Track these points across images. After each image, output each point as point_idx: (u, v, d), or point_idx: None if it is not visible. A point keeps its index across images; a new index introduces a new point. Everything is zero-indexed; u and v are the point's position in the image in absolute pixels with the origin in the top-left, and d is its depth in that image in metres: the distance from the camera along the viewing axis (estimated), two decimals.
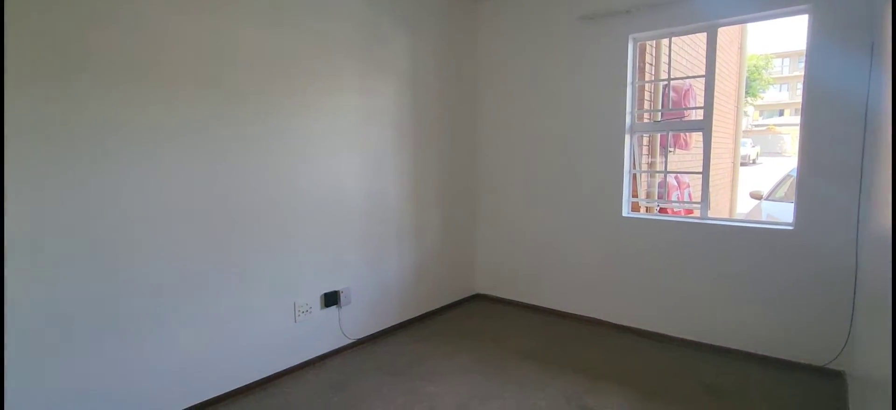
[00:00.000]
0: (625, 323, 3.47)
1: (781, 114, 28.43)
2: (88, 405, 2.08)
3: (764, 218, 4.88)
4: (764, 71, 22.79)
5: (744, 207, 8.13)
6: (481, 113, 4.07)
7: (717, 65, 6.80)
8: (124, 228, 2.13)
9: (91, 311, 2.06)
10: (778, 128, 24.97)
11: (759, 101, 25.27)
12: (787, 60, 28.16)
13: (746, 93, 20.80)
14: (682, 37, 4.46)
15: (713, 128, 3.25)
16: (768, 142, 22.77)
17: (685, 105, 4.69)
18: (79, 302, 2.02)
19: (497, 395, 2.59)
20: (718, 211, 7.17)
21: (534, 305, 3.95)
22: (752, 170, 16.71)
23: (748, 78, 20.55)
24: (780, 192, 5.33)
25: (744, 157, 18.55)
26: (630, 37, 3.26)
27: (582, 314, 3.68)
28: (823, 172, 2.67)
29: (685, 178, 5.11)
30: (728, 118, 7.84)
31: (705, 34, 3.12)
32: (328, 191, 2.99)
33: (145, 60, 2.14)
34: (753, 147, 20.52)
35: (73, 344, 2.02)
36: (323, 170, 2.94)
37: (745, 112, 24.37)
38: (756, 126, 25.99)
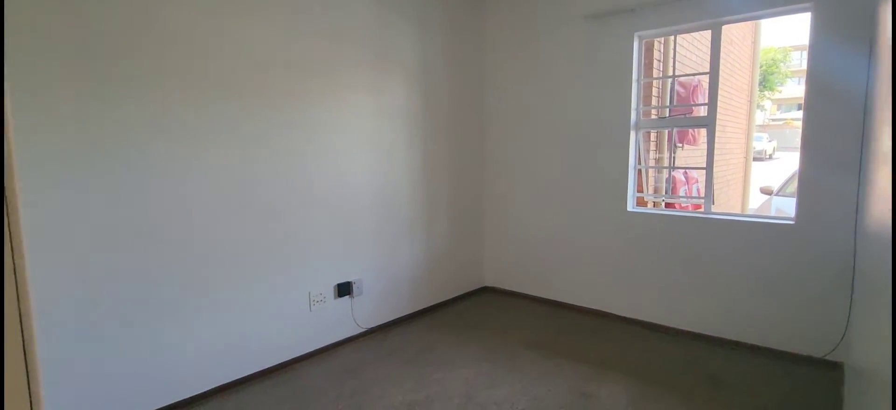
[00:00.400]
0: (630, 315, 3.54)
1: (800, 108, 27.88)
2: (121, 384, 2.24)
3: (773, 213, 4.89)
4: (782, 64, 22.39)
5: (756, 202, 8.09)
6: (489, 110, 4.16)
7: (729, 60, 6.81)
8: (154, 223, 2.29)
9: (123, 299, 2.22)
10: (796, 123, 24.52)
11: (776, 95, 24.83)
12: (805, 54, 27.54)
13: (764, 87, 20.48)
14: (692, 33, 4.49)
15: (724, 124, 3.30)
16: (786, 137, 22.39)
17: (694, 101, 4.72)
18: (114, 290, 2.18)
19: (503, 382, 2.70)
20: (730, 207, 7.16)
21: (541, 297, 4.04)
22: (769, 166, 16.46)
23: (766, 71, 20.21)
24: (791, 188, 5.33)
25: (760, 152, 18.28)
26: (635, 35, 3.32)
27: (588, 306, 3.76)
28: (825, 167, 2.72)
29: (693, 174, 5.14)
30: (740, 113, 7.79)
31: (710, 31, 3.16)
32: (341, 186, 3.12)
33: (178, 65, 2.29)
34: (770, 142, 20.21)
35: (108, 330, 2.18)
36: (336, 166, 3.07)
37: (762, 106, 23.94)
38: (773, 120, 25.56)
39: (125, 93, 2.16)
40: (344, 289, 3.19)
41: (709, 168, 3.23)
